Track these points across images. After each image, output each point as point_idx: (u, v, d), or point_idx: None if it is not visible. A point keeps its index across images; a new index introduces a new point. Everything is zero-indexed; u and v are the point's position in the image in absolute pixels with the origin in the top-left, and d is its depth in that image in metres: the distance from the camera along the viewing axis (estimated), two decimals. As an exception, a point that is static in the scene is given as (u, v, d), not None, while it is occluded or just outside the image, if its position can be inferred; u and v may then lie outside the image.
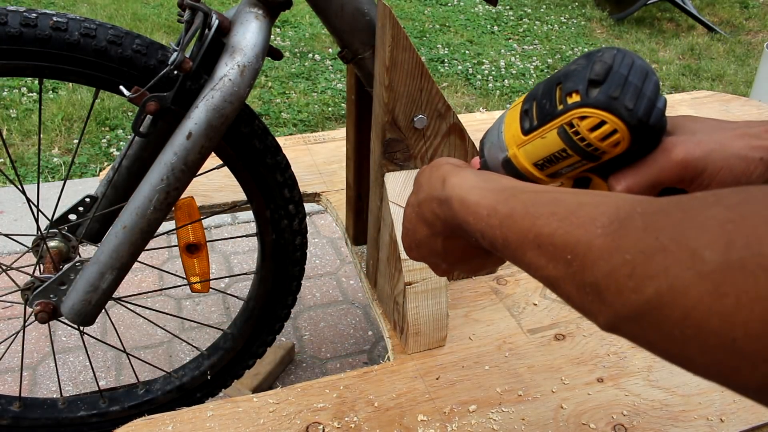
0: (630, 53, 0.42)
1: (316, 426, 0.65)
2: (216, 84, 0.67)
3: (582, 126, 0.42)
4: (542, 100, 0.44)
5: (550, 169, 0.46)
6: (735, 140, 0.41)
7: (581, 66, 0.42)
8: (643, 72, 0.41)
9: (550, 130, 0.44)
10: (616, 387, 0.73)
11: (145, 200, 0.69)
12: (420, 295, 0.74)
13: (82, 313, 0.73)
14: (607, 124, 0.41)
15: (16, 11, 0.66)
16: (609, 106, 0.41)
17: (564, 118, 0.42)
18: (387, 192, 0.76)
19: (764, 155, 0.40)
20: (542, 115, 0.44)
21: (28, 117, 2.40)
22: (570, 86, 0.42)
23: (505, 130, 0.48)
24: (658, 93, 0.42)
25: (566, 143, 0.43)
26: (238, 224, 1.89)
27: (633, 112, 0.40)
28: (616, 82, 0.41)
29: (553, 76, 0.45)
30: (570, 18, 4.09)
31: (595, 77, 0.41)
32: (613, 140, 0.41)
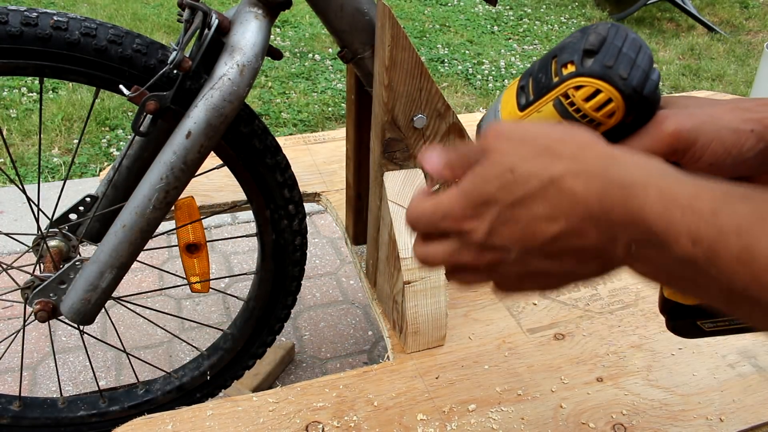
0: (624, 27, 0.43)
1: (316, 425, 0.65)
2: (215, 83, 0.67)
3: (577, 96, 0.42)
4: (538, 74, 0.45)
5: None
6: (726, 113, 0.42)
7: (576, 38, 0.43)
8: (636, 44, 0.42)
9: (546, 103, 0.44)
10: (615, 386, 0.73)
11: (144, 199, 0.69)
12: (419, 294, 0.74)
13: (81, 312, 0.73)
14: (602, 93, 0.41)
15: (16, 10, 0.66)
16: (604, 75, 0.41)
17: (560, 89, 0.43)
18: (386, 191, 0.76)
19: (755, 127, 0.41)
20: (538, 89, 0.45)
21: (28, 117, 2.40)
22: (565, 57, 0.43)
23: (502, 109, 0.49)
24: (651, 65, 0.42)
25: (562, 115, 0.44)
26: (238, 224, 1.89)
27: (627, 81, 0.41)
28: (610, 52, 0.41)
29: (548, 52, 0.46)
30: (570, 18, 4.09)
31: (590, 47, 0.42)
32: (608, 110, 0.42)
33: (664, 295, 0.54)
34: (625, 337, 0.80)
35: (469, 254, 0.38)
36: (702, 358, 0.77)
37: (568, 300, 0.87)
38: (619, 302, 0.87)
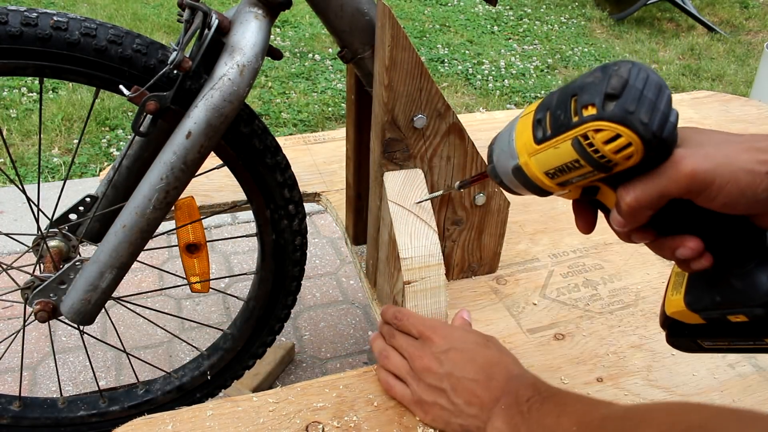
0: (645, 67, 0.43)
1: (316, 425, 0.65)
2: (215, 83, 0.67)
3: (597, 138, 0.42)
4: (556, 110, 0.45)
5: (561, 178, 0.47)
6: (742, 153, 0.42)
7: (597, 79, 0.43)
8: (657, 87, 0.42)
9: (564, 141, 0.44)
10: (615, 386, 0.73)
11: (144, 199, 0.69)
12: (419, 294, 0.74)
13: (81, 312, 0.74)
14: (622, 137, 0.42)
15: (16, 11, 0.66)
16: (625, 120, 0.41)
17: (579, 130, 0.43)
18: (386, 191, 0.76)
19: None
20: (556, 125, 0.45)
21: (28, 117, 2.40)
22: (586, 99, 0.43)
23: (516, 138, 0.49)
24: (670, 107, 0.43)
25: (580, 154, 0.44)
26: (238, 224, 1.89)
27: (648, 126, 0.41)
28: (632, 96, 0.41)
29: (567, 87, 0.46)
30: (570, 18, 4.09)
31: (612, 91, 0.42)
32: (626, 153, 0.42)
33: (666, 312, 0.54)
34: (625, 338, 0.80)
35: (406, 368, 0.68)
36: (702, 359, 0.77)
37: (568, 300, 0.87)
38: (619, 302, 0.87)
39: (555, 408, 0.56)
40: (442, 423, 0.63)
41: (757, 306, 0.46)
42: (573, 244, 0.99)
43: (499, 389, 0.61)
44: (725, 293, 0.48)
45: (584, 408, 0.54)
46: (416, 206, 0.76)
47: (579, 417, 0.52)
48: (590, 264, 0.95)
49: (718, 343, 0.51)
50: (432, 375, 0.64)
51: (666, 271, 0.93)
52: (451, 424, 0.62)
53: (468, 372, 0.63)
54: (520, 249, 0.98)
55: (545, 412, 0.56)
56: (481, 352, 0.65)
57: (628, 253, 0.97)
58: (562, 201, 1.10)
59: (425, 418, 0.65)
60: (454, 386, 0.62)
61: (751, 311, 0.46)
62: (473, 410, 0.61)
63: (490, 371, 0.63)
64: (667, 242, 0.47)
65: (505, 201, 0.87)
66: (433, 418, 0.64)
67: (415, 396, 0.65)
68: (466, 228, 0.87)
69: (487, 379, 0.62)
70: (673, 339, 0.55)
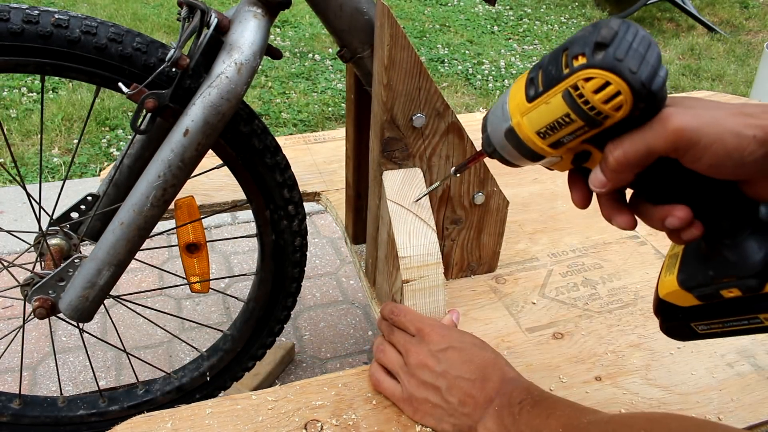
0: (635, 24, 0.43)
1: (315, 423, 0.65)
2: (213, 81, 0.67)
3: (587, 87, 0.43)
4: (548, 66, 0.46)
5: (552, 138, 0.47)
6: (730, 117, 0.42)
7: (588, 32, 0.44)
8: (646, 41, 0.43)
9: (555, 95, 0.45)
10: (614, 385, 0.73)
11: (142, 197, 0.69)
12: (417, 293, 0.74)
13: (79, 310, 0.74)
14: (612, 85, 0.42)
15: (18, 8, 0.67)
16: (614, 67, 0.42)
17: (569, 81, 0.44)
18: (385, 190, 0.77)
19: (757, 133, 0.42)
20: (548, 80, 0.45)
21: (28, 117, 2.41)
22: (576, 49, 0.43)
23: (510, 101, 0.49)
24: (660, 63, 0.43)
25: (570, 107, 0.44)
26: (238, 224, 1.89)
27: (636, 75, 0.42)
28: (621, 46, 0.42)
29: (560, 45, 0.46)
30: (570, 18, 4.09)
31: (601, 40, 0.42)
32: (616, 102, 0.43)
33: (659, 296, 0.54)
34: (624, 337, 0.80)
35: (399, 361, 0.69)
36: (700, 358, 0.77)
37: (567, 299, 0.87)
38: (617, 301, 0.87)
39: (544, 411, 0.57)
40: (433, 421, 0.63)
41: (750, 277, 0.46)
42: (572, 244, 0.99)
43: (494, 390, 0.62)
44: (718, 266, 0.48)
45: (572, 412, 0.55)
46: (415, 205, 0.76)
47: (566, 420, 0.54)
48: (589, 263, 0.95)
49: (713, 326, 0.51)
50: (427, 372, 0.65)
51: (665, 270, 0.93)
52: (443, 423, 0.62)
53: (464, 372, 0.63)
54: (519, 248, 0.98)
55: (535, 414, 0.57)
56: (477, 353, 0.66)
57: (627, 252, 0.97)
58: (562, 200, 1.11)
59: (414, 415, 0.65)
60: (449, 385, 0.63)
61: (745, 283, 0.46)
62: (466, 410, 0.61)
63: (486, 372, 0.63)
64: (656, 212, 0.47)
65: (504, 200, 0.87)
66: (422, 416, 0.64)
67: (406, 392, 0.66)
68: (465, 227, 0.87)
69: (483, 380, 0.63)
70: (667, 324, 0.55)
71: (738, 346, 0.80)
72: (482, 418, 0.60)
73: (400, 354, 0.69)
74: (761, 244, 0.45)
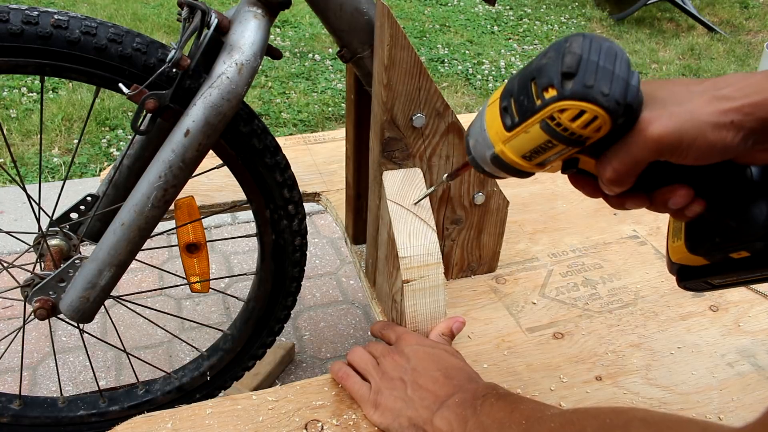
0: (596, 37, 0.43)
1: (315, 423, 0.66)
2: (214, 82, 0.67)
3: (563, 118, 0.43)
4: (519, 96, 0.45)
5: (538, 159, 0.47)
6: (705, 106, 0.42)
7: (552, 59, 0.43)
8: (612, 53, 0.42)
9: (533, 125, 0.45)
10: (614, 385, 0.73)
11: (143, 197, 0.69)
12: (418, 293, 0.74)
13: (80, 311, 0.74)
14: (587, 112, 0.42)
15: (18, 9, 0.67)
16: (585, 96, 0.41)
17: (544, 113, 0.43)
18: (385, 190, 0.77)
19: (734, 117, 0.42)
20: (522, 111, 0.45)
21: (28, 117, 2.41)
22: (544, 81, 0.43)
23: (488, 128, 0.49)
24: (629, 70, 0.43)
25: (550, 135, 0.44)
26: (238, 224, 1.89)
27: (609, 96, 0.41)
28: (588, 70, 0.41)
29: (525, 71, 0.46)
30: (570, 18, 4.09)
31: (567, 69, 0.42)
32: (595, 126, 0.43)
33: (672, 260, 0.55)
34: (624, 336, 0.80)
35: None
36: (701, 357, 0.78)
37: (567, 299, 0.87)
38: (618, 301, 0.87)
39: (508, 405, 0.57)
40: (391, 417, 0.63)
41: (757, 240, 0.46)
42: (572, 244, 0.99)
43: (456, 387, 0.62)
44: (723, 233, 0.48)
45: (536, 406, 0.56)
46: (415, 205, 0.76)
47: (529, 413, 0.54)
48: (589, 263, 0.95)
49: (727, 279, 0.52)
50: (398, 368, 0.66)
51: (666, 270, 0.93)
52: (400, 418, 0.62)
53: (431, 369, 0.65)
54: (519, 248, 0.98)
55: (498, 407, 0.57)
56: (447, 357, 0.68)
57: (627, 252, 0.97)
58: (562, 200, 1.11)
59: (374, 413, 0.65)
60: (413, 380, 0.64)
61: (752, 246, 0.47)
62: (426, 403, 0.62)
63: (451, 372, 0.65)
64: (658, 196, 0.48)
65: (504, 200, 0.87)
66: (382, 412, 0.64)
67: (375, 388, 0.66)
68: (466, 227, 0.87)
69: (446, 377, 0.64)
70: (684, 282, 0.55)
71: (738, 346, 0.80)
72: (439, 409, 0.61)
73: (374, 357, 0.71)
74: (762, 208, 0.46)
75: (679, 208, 0.48)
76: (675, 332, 0.82)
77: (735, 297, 0.88)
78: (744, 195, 0.47)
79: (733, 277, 0.51)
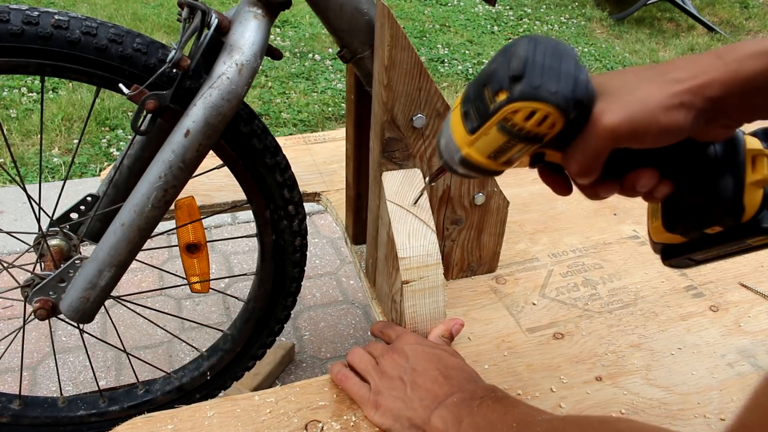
0: (542, 38, 0.45)
1: (316, 424, 0.66)
2: (214, 82, 0.67)
3: (517, 118, 0.45)
4: (476, 101, 0.47)
5: (503, 158, 0.49)
6: (655, 91, 0.43)
7: (500, 64, 0.45)
8: (558, 52, 0.44)
9: (491, 128, 0.47)
10: (614, 386, 0.73)
11: (143, 197, 0.69)
12: (417, 293, 0.74)
13: (80, 311, 0.74)
14: (538, 111, 0.44)
15: (18, 9, 0.67)
16: (534, 96, 0.43)
17: (499, 116, 0.45)
18: (385, 191, 0.77)
19: (684, 99, 0.43)
20: (479, 115, 0.47)
21: (28, 117, 2.41)
22: (495, 86, 0.45)
23: (453, 133, 0.51)
24: (577, 66, 0.44)
25: (508, 135, 0.46)
26: (238, 224, 1.89)
27: (557, 93, 0.43)
28: (535, 71, 0.43)
29: (478, 77, 0.48)
30: (570, 18, 4.09)
31: (515, 73, 0.44)
32: (548, 123, 0.44)
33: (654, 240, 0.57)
34: (624, 337, 0.80)
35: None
36: (701, 358, 0.78)
37: (567, 299, 0.87)
38: (618, 302, 0.87)
39: (503, 407, 0.58)
40: (392, 418, 0.63)
41: (726, 215, 0.48)
42: (572, 244, 0.99)
43: (455, 387, 0.63)
44: (694, 211, 0.50)
45: (530, 411, 0.57)
46: (415, 206, 0.76)
47: (521, 417, 0.55)
48: (589, 263, 0.95)
49: (708, 254, 0.54)
50: (397, 367, 0.66)
51: (666, 270, 0.93)
52: (400, 419, 0.63)
53: (430, 369, 0.65)
54: (519, 248, 0.98)
55: (494, 409, 0.58)
56: (448, 358, 0.68)
57: (627, 252, 0.97)
58: (562, 201, 1.11)
59: (374, 414, 0.65)
60: (413, 380, 0.64)
61: (722, 221, 0.49)
62: (425, 402, 0.62)
63: (451, 373, 0.65)
64: (626, 182, 0.50)
65: (504, 200, 0.87)
66: (383, 413, 0.64)
67: (374, 389, 0.66)
68: (466, 227, 0.87)
69: (446, 378, 0.64)
70: (668, 261, 0.57)
71: (738, 346, 0.80)
72: (437, 408, 0.61)
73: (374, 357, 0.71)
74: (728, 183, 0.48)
75: (648, 191, 0.50)
76: (675, 332, 0.82)
77: (735, 297, 0.88)
78: (709, 172, 0.48)
79: (714, 251, 0.53)
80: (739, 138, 0.49)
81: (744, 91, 0.42)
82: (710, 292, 0.89)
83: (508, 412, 0.56)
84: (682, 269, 0.58)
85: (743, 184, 0.48)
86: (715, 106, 0.43)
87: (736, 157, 0.48)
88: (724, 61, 0.42)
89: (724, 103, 0.43)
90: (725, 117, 0.44)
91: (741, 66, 0.42)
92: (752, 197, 0.48)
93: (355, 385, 0.68)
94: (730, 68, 0.42)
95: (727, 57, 0.43)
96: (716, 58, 0.43)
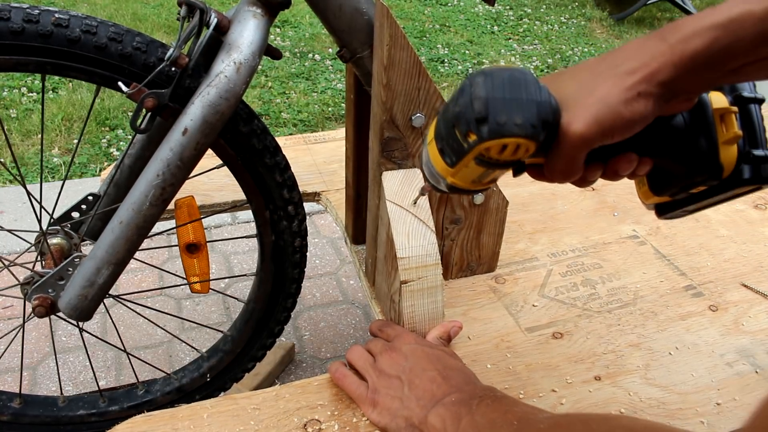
0: (495, 71, 0.46)
1: (315, 423, 0.66)
2: (212, 80, 0.67)
3: (491, 153, 0.46)
4: (449, 140, 0.49)
5: (487, 180, 0.52)
6: (611, 88, 0.45)
7: (464, 107, 0.46)
8: (515, 82, 0.45)
9: (469, 162, 0.49)
10: (613, 385, 0.73)
11: (141, 196, 0.69)
12: (416, 293, 0.74)
13: (78, 308, 0.74)
14: (509, 144, 0.45)
15: (19, 8, 0.67)
16: (502, 133, 0.45)
17: (473, 153, 0.47)
18: (385, 191, 0.77)
19: (641, 89, 0.44)
20: (455, 152, 0.49)
21: (28, 117, 2.41)
22: (464, 129, 0.47)
23: (434, 164, 0.53)
24: (536, 89, 0.45)
25: (487, 167, 0.48)
26: (238, 224, 1.89)
27: (523, 125, 0.44)
28: (497, 109, 0.44)
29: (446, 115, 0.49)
30: (570, 18, 4.09)
31: (478, 115, 0.45)
32: (522, 151, 0.46)
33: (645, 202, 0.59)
34: (624, 336, 0.81)
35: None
36: (700, 357, 0.78)
37: (566, 299, 0.87)
38: (617, 301, 0.87)
39: (503, 407, 0.58)
40: (389, 416, 0.63)
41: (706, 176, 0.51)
42: (572, 244, 0.99)
43: (453, 387, 0.63)
44: (678, 177, 0.53)
45: (530, 410, 0.57)
46: (414, 206, 0.76)
47: (522, 415, 0.55)
48: (589, 263, 0.95)
49: (701, 205, 0.56)
50: (396, 366, 0.66)
51: (665, 270, 0.93)
52: (397, 418, 0.63)
53: (429, 369, 0.65)
54: (519, 248, 0.98)
55: (493, 408, 0.58)
56: (447, 359, 0.68)
57: (626, 252, 0.97)
58: (561, 201, 1.11)
59: (372, 412, 0.65)
60: (411, 379, 0.64)
61: (705, 181, 0.52)
62: (422, 402, 0.62)
63: (449, 373, 0.65)
64: (608, 169, 0.51)
65: (504, 200, 0.87)
66: (380, 412, 0.64)
67: (372, 387, 0.66)
68: (465, 227, 0.87)
69: (443, 378, 0.64)
70: (663, 215, 0.59)
71: (738, 346, 0.80)
72: (435, 407, 0.61)
73: (372, 355, 0.71)
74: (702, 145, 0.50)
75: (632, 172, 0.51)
76: (674, 332, 0.82)
77: (735, 297, 0.88)
78: (682, 141, 0.50)
79: (705, 203, 0.55)
80: (705, 100, 0.51)
81: (693, 68, 0.43)
82: (710, 291, 0.89)
83: (508, 411, 0.57)
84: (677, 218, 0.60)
85: (717, 144, 0.50)
86: (670, 88, 0.44)
87: (705, 120, 0.50)
88: (669, 44, 0.43)
89: (677, 82, 0.44)
90: (683, 92, 0.46)
91: (686, 46, 0.43)
92: (728, 154, 0.50)
93: (353, 384, 0.68)
94: (676, 50, 0.43)
95: (670, 38, 0.44)
96: (661, 41, 0.44)
